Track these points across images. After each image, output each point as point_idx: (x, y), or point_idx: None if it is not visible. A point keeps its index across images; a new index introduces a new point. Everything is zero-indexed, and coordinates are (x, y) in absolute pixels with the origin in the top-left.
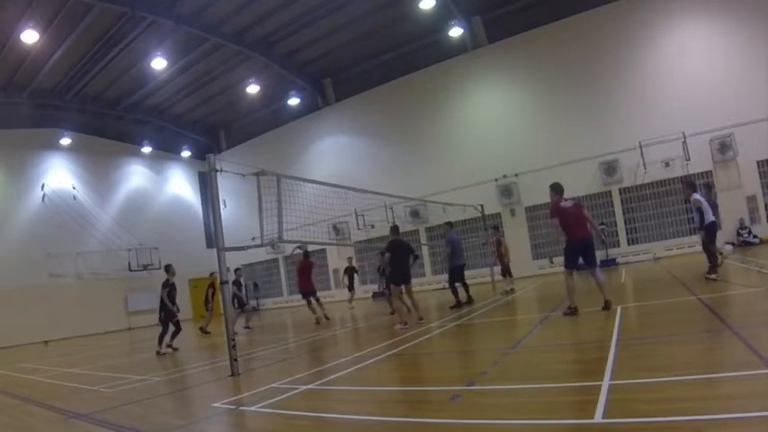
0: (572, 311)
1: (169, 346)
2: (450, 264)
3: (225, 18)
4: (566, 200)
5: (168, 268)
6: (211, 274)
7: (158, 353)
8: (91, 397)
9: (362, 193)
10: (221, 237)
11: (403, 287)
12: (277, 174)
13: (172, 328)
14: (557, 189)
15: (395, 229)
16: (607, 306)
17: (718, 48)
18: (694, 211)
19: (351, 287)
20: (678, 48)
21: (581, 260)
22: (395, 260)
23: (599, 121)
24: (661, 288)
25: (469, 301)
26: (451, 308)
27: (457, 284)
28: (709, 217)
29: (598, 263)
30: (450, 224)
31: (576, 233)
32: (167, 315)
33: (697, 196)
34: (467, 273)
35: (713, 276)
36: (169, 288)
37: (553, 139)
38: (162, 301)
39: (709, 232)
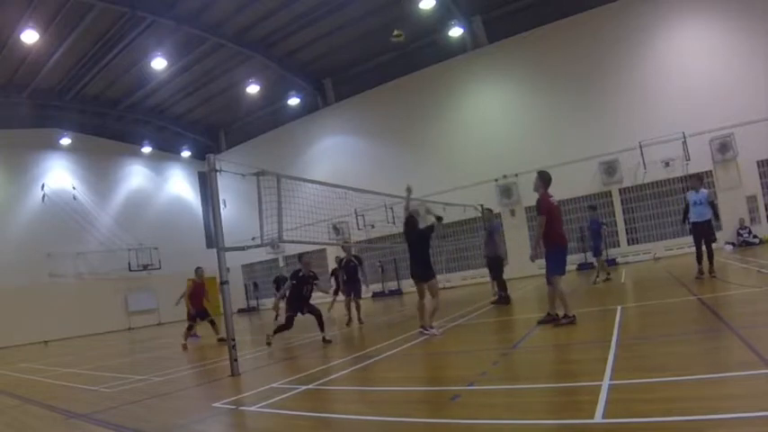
0: (571, 320)
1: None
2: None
3: (225, 18)
4: (551, 195)
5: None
6: (196, 269)
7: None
8: (91, 397)
9: (362, 193)
10: (221, 237)
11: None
12: (277, 174)
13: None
14: (546, 179)
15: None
16: (554, 319)
17: (718, 48)
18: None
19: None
20: (678, 48)
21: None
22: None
23: (599, 121)
24: (661, 288)
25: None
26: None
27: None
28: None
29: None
30: (490, 211)
31: (562, 236)
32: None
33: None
34: (468, 273)
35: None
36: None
37: (553, 139)
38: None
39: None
